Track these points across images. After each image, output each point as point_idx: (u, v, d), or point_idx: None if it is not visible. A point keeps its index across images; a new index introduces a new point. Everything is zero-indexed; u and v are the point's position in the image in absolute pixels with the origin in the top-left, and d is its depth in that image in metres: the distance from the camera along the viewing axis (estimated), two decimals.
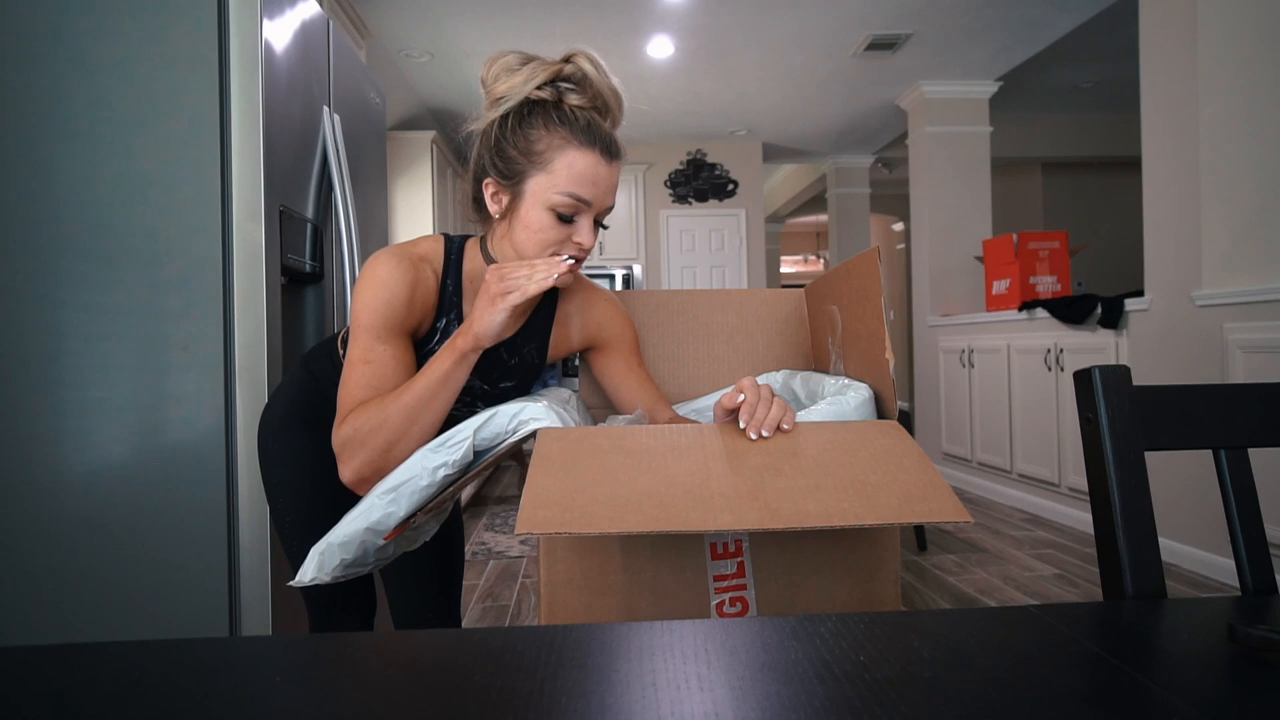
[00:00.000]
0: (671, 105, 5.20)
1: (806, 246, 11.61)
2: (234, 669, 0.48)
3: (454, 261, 1.00)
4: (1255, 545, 0.68)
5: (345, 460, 0.89)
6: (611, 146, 0.92)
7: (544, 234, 0.91)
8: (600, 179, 0.91)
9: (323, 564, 0.86)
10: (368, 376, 0.91)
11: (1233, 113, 2.68)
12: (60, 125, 1.37)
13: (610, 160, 0.92)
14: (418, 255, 0.97)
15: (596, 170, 0.90)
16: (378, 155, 2.13)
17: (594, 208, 0.92)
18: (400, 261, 0.94)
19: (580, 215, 0.92)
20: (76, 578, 1.36)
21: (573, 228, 0.92)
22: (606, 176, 0.91)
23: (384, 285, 0.92)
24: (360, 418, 0.88)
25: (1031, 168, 6.34)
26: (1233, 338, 2.58)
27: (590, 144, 0.90)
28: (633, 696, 0.41)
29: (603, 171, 0.91)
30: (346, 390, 0.91)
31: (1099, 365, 0.69)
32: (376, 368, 0.91)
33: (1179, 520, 2.80)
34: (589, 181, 0.90)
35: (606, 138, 0.92)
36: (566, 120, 0.91)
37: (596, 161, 0.90)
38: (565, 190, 0.90)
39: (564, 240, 0.92)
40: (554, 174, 0.90)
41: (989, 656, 0.47)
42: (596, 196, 0.91)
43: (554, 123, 0.91)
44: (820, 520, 0.65)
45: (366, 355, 0.91)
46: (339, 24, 3.17)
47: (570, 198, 0.90)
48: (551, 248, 0.92)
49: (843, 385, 0.93)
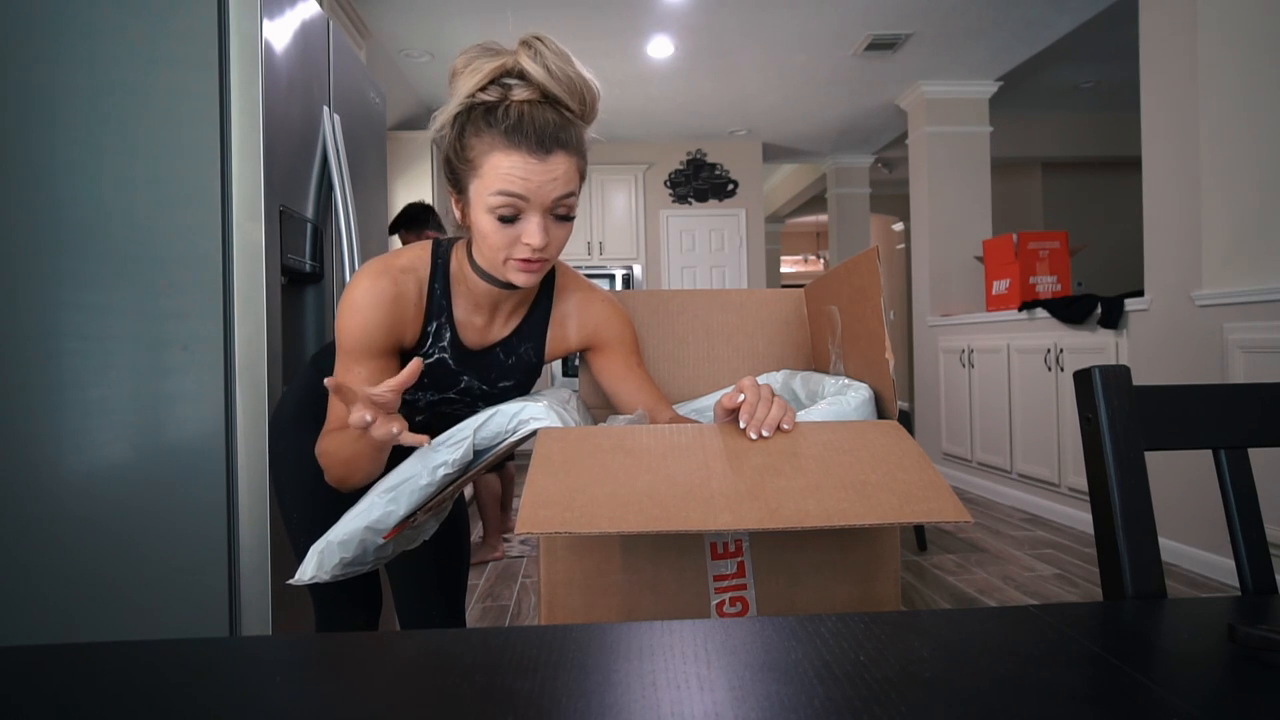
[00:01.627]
0: (671, 105, 5.20)
1: (806, 246, 11.61)
2: (234, 669, 0.48)
3: (440, 266, 1.00)
4: (1255, 545, 0.68)
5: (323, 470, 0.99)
6: (545, 139, 0.87)
7: (492, 238, 0.89)
8: (532, 174, 0.87)
9: (322, 562, 0.87)
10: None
11: (1233, 113, 2.68)
12: (60, 125, 1.37)
13: (544, 153, 0.87)
14: (400, 267, 0.98)
15: (526, 167, 0.87)
16: (378, 155, 2.13)
17: (534, 204, 0.88)
18: (379, 279, 0.95)
19: (523, 214, 0.89)
20: (76, 578, 1.36)
21: (519, 228, 0.89)
22: (541, 171, 0.87)
23: (359, 310, 0.94)
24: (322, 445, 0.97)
25: (1031, 168, 6.34)
26: (1233, 338, 2.58)
27: (515, 143, 0.87)
28: (633, 696, 0.41)
29: (535, 167, 0.87)
30: (329, 409, 0.99)
31: (1099, 365, 0.69)
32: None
33: (1179, 520, 2.80)
34: (518, 179, 0.87)
35: (539, 131, 0.87)
36: (495, 122, 0.88)
37: (524, 159, 0.86)
38: (496, 190, 0.87)
39: (514, 242, 0.89)
40: (485, 177, 0.88)
41: (989, 656, 0.47)
42: (531, 192, 0.87)
43: (484, 126, 0.88)
44: (820, 520, 0.65)
45: (344, 376, 0.96)
46: (339, 24, 3.17)
47: (503, 196, 0.87)
48: (504, 251, 0.90)
49: (843, 385, 0.93)
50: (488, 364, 1.04)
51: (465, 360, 1.02)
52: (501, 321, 1.04)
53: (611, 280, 5.92)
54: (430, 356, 1.01)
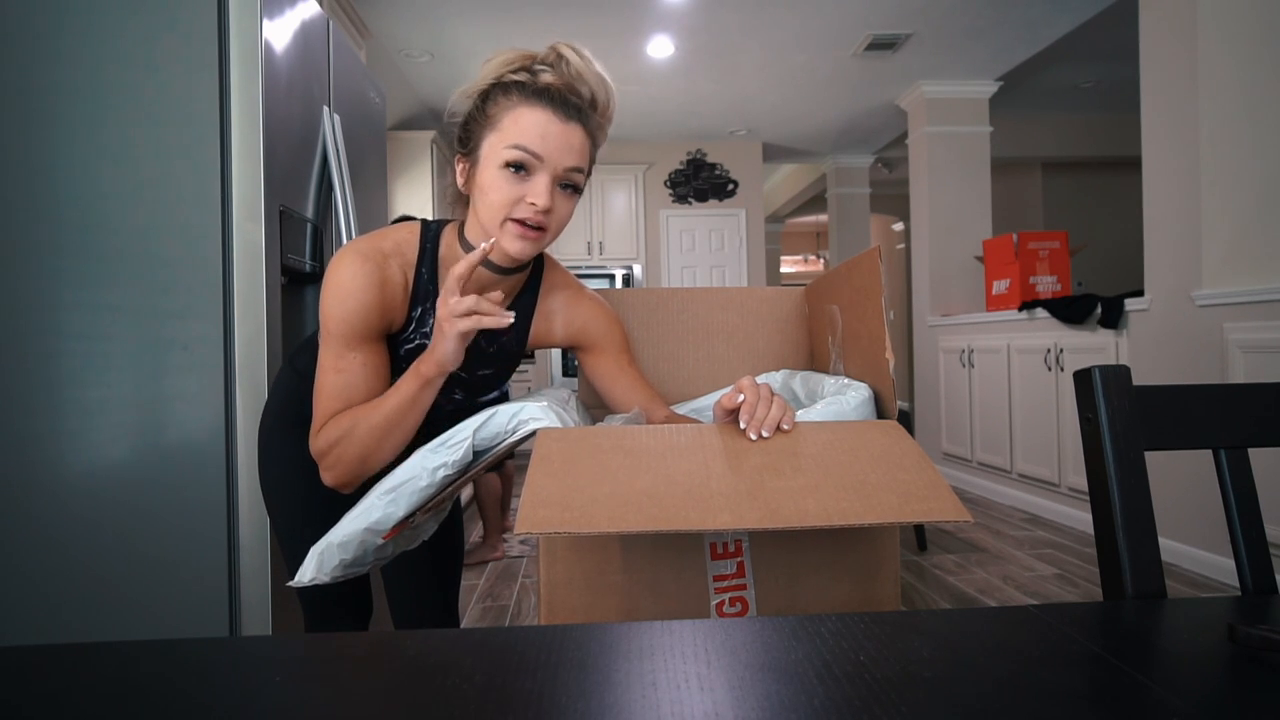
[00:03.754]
0: (671, 105, 5.19)
1: (806, 246, 11.61)
2: (234, 669, 0.48)
3: (429, 250, 0.98)
4: (1255, 545, 0.68)
5: (325, 469, 0.92)
6: (568, 107, 0.89)
7: (498, 193, 0.88)
8: (551, 134, 0.87)
9: (322, 564, 0.86)
10: (339, 386, 0.92)
11: (1233, 113, 2.68)
12: (60, 125, 1.37)
13: (566, 118, 0.88)
14: (384, 252, 0.95)
15: (547, 126, 0.87)
16: (378, 155, 2.13)
17: (547, 165, 0.88)
18: (364, 263, 0.92)
19: (533, 172, 0.88)
20: (76, 578, 1.36)
21: (526, 185, 0.88)
22: (560, 134, 0.88)
23: (349, 293, 0.91)
24: (334, 430, 0.90)
25: (1031, 168, 6.34)
26: (1233, 338, 2.57)
27: (541, 102, 0.88)
28: (633, 696, 0.41)
29: (555, 128, 0.87)
30: (320, 399, 0.93)
31: (1099, 365, 0.69)
32: (348, 376, 0.92)
33: (1179, 520, 2.80)
34: (537, 135, 0.87)
35: (562, 98, 0.89)
36: (523, 88, 0.89)
37: (547, 118, 0.87)
38: (512, 143, 0.87)
39: (518, 200, 0.88)
40: (503, 130, 0.88)
41: (989, 656, 0.47)
42: (547, 151, 0.87)
43: (512, 93, 0.90)
44: (820, 520, 0.65)
45: (338, 364, 0.92)
46: (339, 24, 3.17)
47: (517, 149, 0.87)
48: (506, 209, 0.89)
49: (843, 385, 0.93)
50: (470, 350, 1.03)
51: None
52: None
53: (611, 280, 5.92)
54: (412, 342, 1.00)
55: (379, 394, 0.93)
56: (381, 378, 0.95)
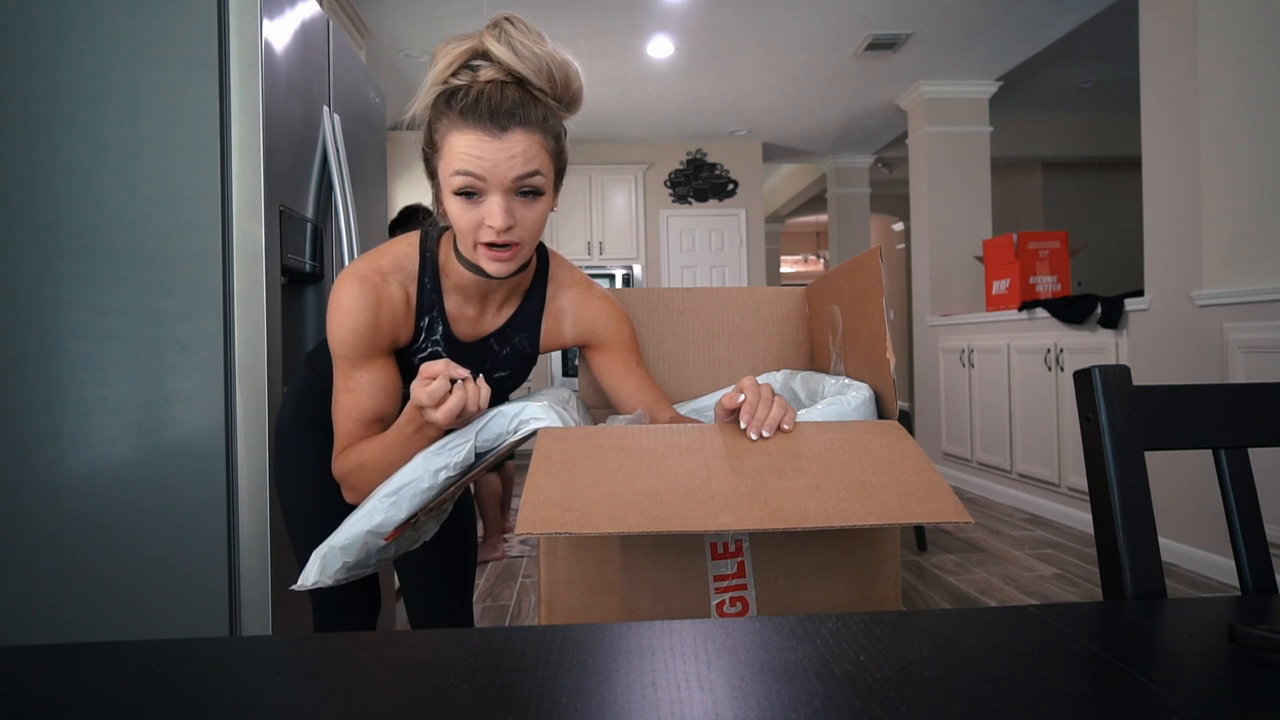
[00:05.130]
0: (671, 105, 5.19)
1: (806, 246, 11.61)
2: (234, 669, 0.48)
3: (430, 259, 0.99)
4: (1255, 545, 0.68)
5: (345, 491, 0.96)
6: (499, 116, 0.86)
7: (459, 220, 0.89)
8: (487, 153, 0.86)
9: (325, 567, 0.86)
10: (350, 406, 0.96)
11: (1233, 113, 2.68)
12: (60, 125, 1.37)
13: (500, 131, 0.86)
14: (383, 270, 0.96)
15: (480, 146, 0.86)
16: (378, 155, 2.13)
17: (492, 184, 0.87)
18: (361, 285, 0.94)
19: (483, 194, 0.88)
20: (76, 578, 1.36)
21: (481, 209, 0.88)
22: (496, 149, 0.86)
23: (347, 314, 0.93)
24: (348, 461, 0.94)
25: (1031, 168, 6.34)
26: (1233, 338, 2.57)
27: (470, 122, 0.86)
28: (633, 696, 0.41)
29: (489, 146, 0.86)
30: (337, 419, 0.96)
31: (1099, 365, 0.69)
32: (357, 396, 0.95)
33: (1179, 520, 2.80)
34: (473, 158, 0.86)
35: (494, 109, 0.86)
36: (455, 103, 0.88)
37: (478, 138, 0.86)
38: (455, 170, 0.87)
39: (478, 224, 0.89)
40: (446, 158, 0.88)
41: (989, 656, 0.47)
42: (487, 171, 0.86)
43: (445, 109, 0.89)
44: (820, 520, 0.65)
45: (347, 384, 0.95)
46: (339, 24, 3.17)
47: (461, 175, 0.87)
48: (471, 234, 0.89)
49: (843, 385, 0.93)
50: (482, 355, 1.04)
51: (459, 352, 1.02)
52: (494, 312, 1.03)
53: (611, 280, 5.92)
54: (424, 351, 1.00)
55: (388, 410, 0.96)
56: (389, 393, 0.97)
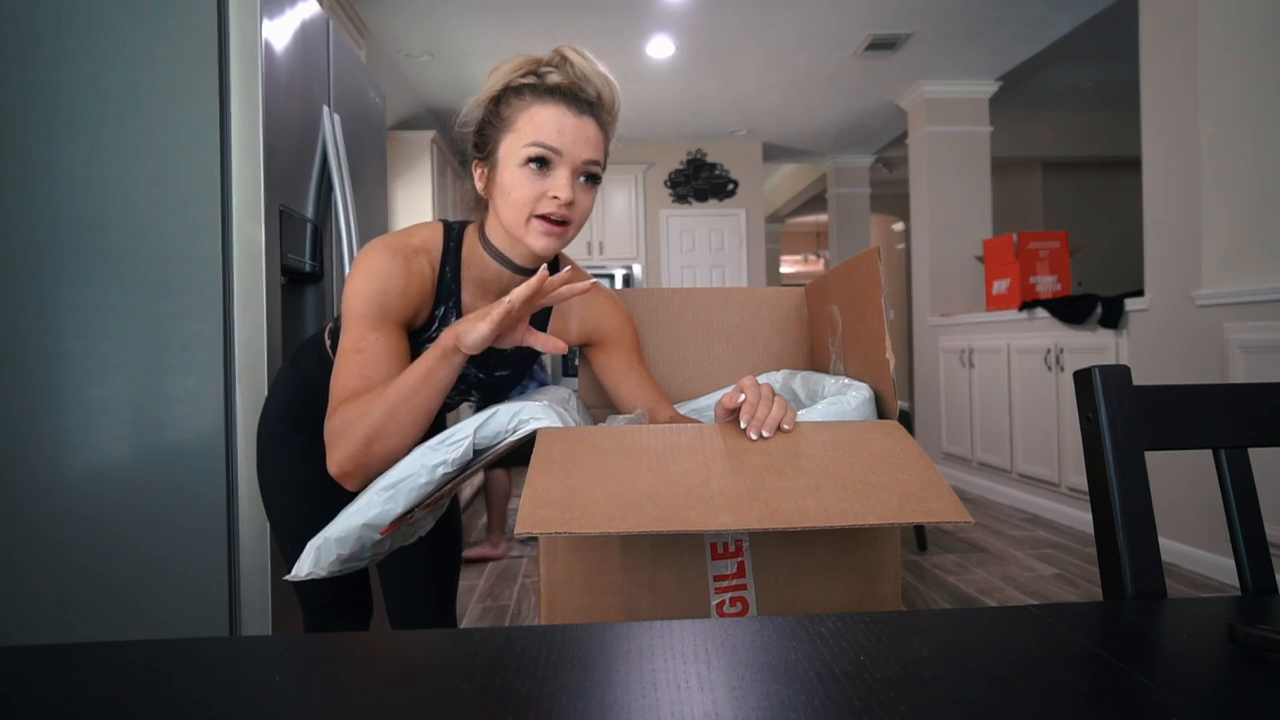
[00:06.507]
0: (671, 105, 5.19)
1: (806, 246, 11.61)
2: (234, 669, 0.48)
3: (453, 249, 0.99)
4: (1255, 545, 0.68)
5: (331, 452, 0.88)
6: (580, 102, 0.92)
7: (520, 191, 0.90)
8: (567, 128, 0.90)
9: (319, 559, 0.86)
10: (358, 365, 0.90)
11: (1233, 113, 2.68)
12: (60, 125, 1.37)
13: (579, 112, 0.91)
14: (413, 248, 0.96)
15: (562, 120, 0.90)
16: (378, 155, 2.13)
17: (566, 158, 0.90)
18: (394, 254, 0.93)
19: (553, 166, 0.90)
20: (76, 578, 1.36)
21: (547, 181, 0.90)
22: (575, 127, 0.90)
23: (376, 275, 0.91)
24: (347, 409, 0.87)
25: (1031, 168, 6.34)
26: (1233, 338, 2.57)
27: (556, 99, 0.91)
28: (633, 696, 0.41)
29: (570, 122, 0.90)
30: (338, 380, 0.90)
31: (1099, 365, 0.69)
32: (368, 356, 0.90)
33: (1179, 520, 2.80)
34: (554, 130, 0.89)
35: (573, 93, 0.92)
36: (535, 88, 0.92)
37: (561, 112, 0.90)
38: (530, 140, 0.90)
39: (540, 195, 0.90)
40: (519, 130, 0.91)
41: (989, 656, 0.47)
42: (564, 145, 0.90)
43: (524, 94, 0.92)
44: (820, 520, 0.65)
45: (358, 344, 0.90)
46: (339, 24, 3.17)
47: (536, 146, 0.89)
48: (529, 205, 0.90)
49: (843, 385, 0.93)
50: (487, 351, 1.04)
51: None
52: None
53: (611, 280, 5.92)
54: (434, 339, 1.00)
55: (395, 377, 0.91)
56: (402, 362, 0.92)
